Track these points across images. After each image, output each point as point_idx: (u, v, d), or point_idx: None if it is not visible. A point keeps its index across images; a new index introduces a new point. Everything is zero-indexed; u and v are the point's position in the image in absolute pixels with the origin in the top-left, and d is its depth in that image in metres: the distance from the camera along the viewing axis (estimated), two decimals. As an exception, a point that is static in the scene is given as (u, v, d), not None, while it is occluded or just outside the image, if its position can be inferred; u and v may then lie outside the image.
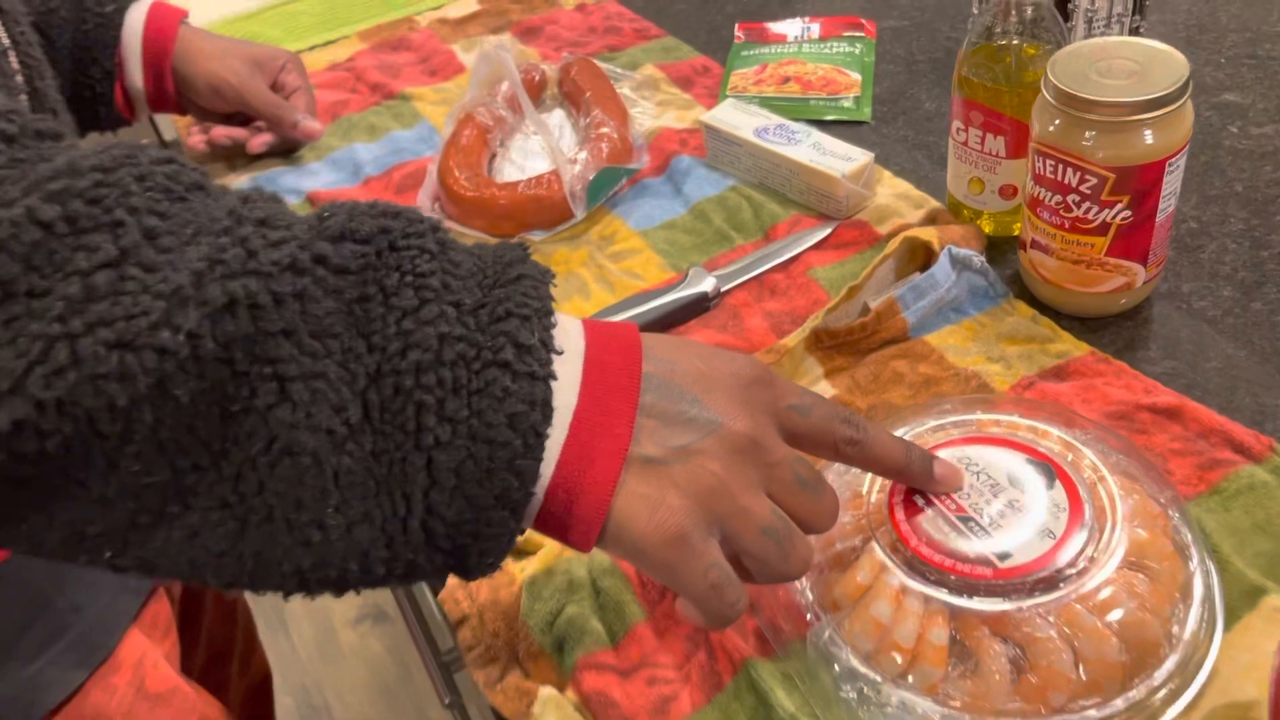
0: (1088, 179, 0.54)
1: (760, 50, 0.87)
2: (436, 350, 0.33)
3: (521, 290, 0.35)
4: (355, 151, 0.81)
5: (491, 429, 0.33)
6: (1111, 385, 0.55)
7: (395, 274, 0.34)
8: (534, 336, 0.35)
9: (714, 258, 0.68)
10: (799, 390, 0.41)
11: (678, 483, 0.36)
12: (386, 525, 0.33)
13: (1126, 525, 0.43)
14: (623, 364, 0.37)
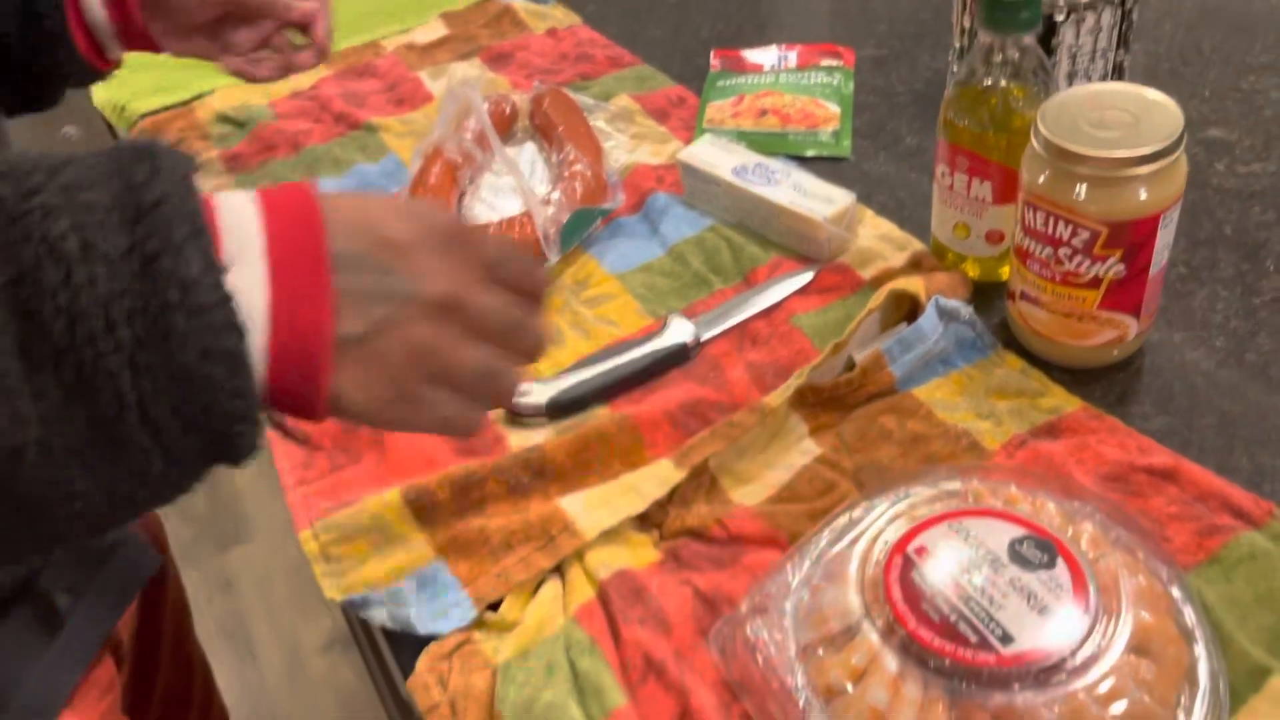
0: (1079, 233, 0.52)
1: (737, 80, 0.84)
2: (104, 317, 0.32)
3: (165, 217, 0.34)
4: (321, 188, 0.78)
5: (190, 368, 0.33)
6: (1105, 444, 0.53)
7: (28, 247, 0.32)
8: (194, 267, 0.33)
9: (693, 303, 0.66)
10: (495, 242, 0.41)
11: (386, 354, 0.38)
12: (137, 474, 0.35)
13: (1131, 609, 0.42)
14: (309, 247, 0.36)
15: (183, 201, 0.34)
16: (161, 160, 0.35)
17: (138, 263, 0.33)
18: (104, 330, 0.32)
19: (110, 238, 0.33)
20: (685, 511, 0.53)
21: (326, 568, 0.53)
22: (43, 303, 0.32)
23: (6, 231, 0.32)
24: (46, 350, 0.32)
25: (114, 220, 0.33)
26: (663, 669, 0.47)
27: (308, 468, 0.58)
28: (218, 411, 0.34)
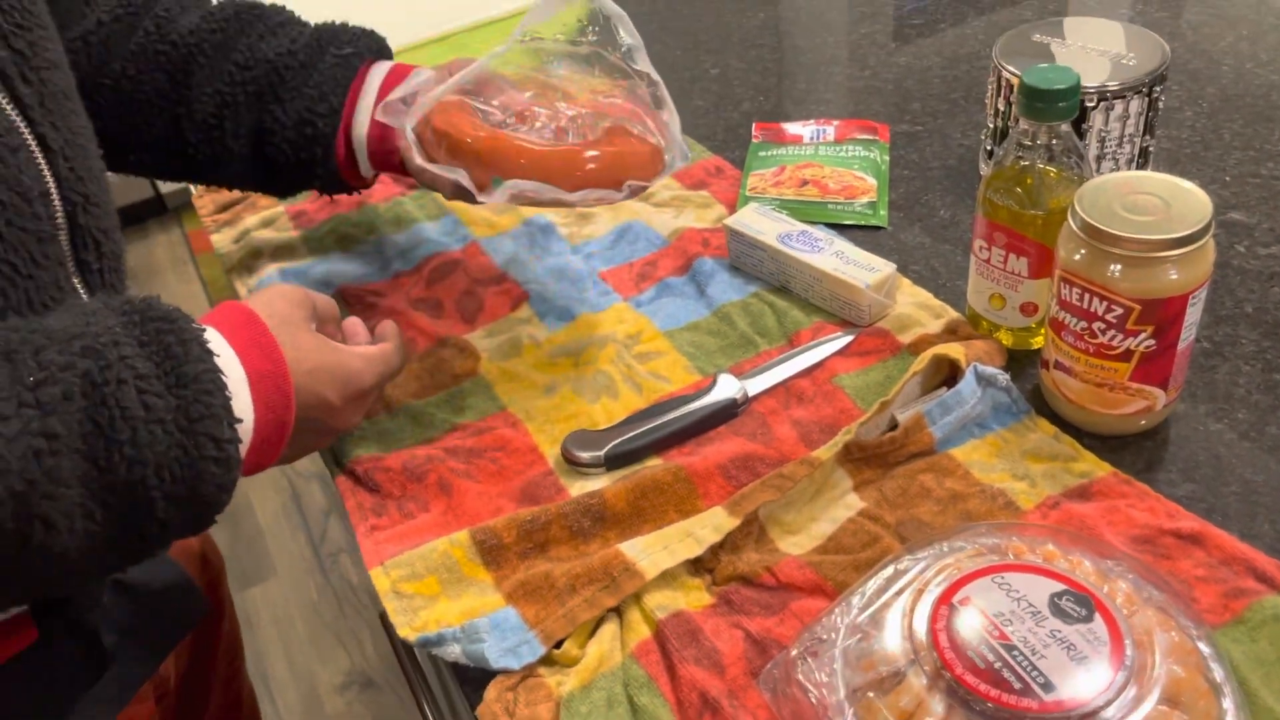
0: (1113, 309, 0.56)
1: (777, 151, 0.89)
2: (154, 464, 0.45)
3: (204, 389, 0.47)
4: (383, 245, 0.83)
5: (207, 495, 0.47)
6: (1135, 508, 0.56)
7: (106, 411, 0.44)
8: (224, 428, 0.47)
9: (739, 362, 0.69)
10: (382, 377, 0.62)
11: (306, 450, 0.60)
12: (137, 557, 0.48)
13: (1164, 663, 0.45)
14: (281, 418, 0.53)
15: (213, 371, 0.47)
16: (184, 330, 0.48)
17: (184, 421, 0.46)
18: (154, 473, 0.45)
19: (162, 402, 0.45)
20: (736, 558, 0.56)
21: (398, 604, 0.56)
22: (112, 452, 0.44)
23: (90, 397, 0.43)
24: (105, 483, 0.44)
25: (160, 387, 0.45)
26: (717, 706, 0.49)
27: (379, 515, 0.62)
28: (208, 519, 0.49)
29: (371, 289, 0.78)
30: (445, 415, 0.67)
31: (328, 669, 1.70)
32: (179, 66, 0.70)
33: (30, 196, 0.50)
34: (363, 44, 0.72)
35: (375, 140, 0.71)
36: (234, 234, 0.87)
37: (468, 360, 0.71)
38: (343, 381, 0.57)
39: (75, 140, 0.55)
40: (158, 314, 0.48)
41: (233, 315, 0.53)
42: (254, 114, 0.70)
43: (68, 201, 0.53)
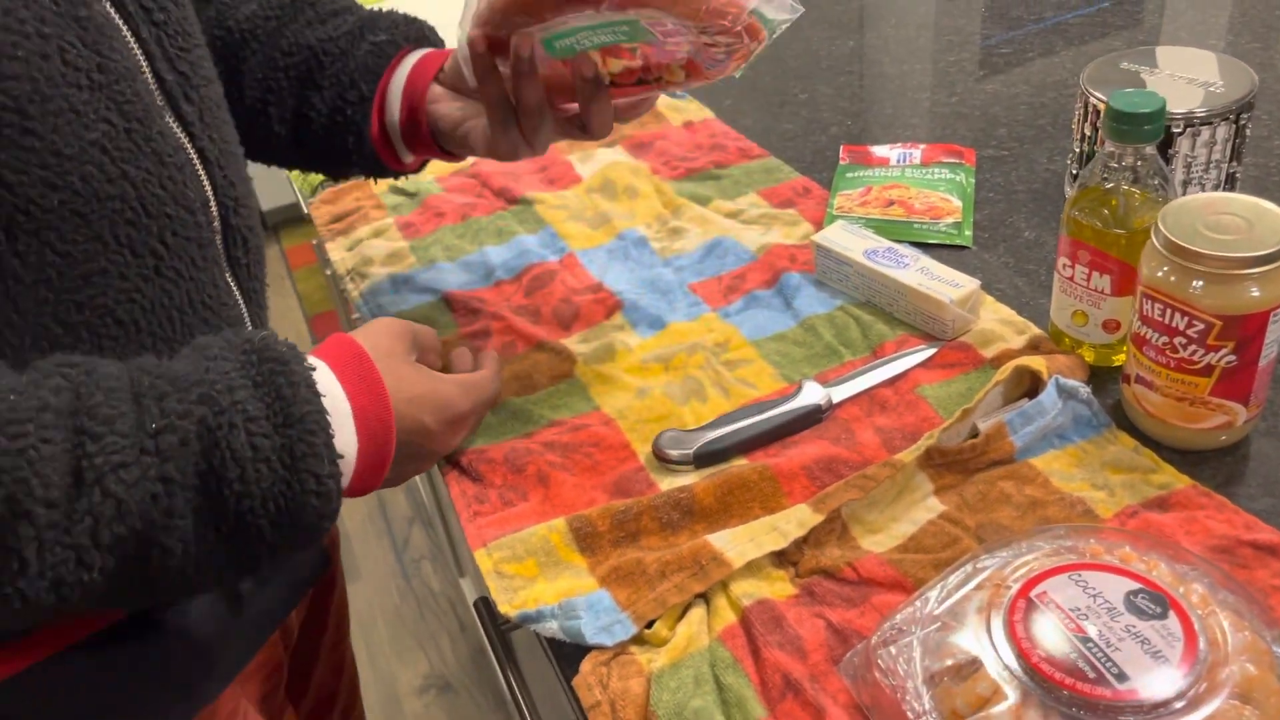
0: (1195, 324, 0.57)
1: (864, 172, 0.92)
2: (261, 498, 0.49)
3: (309, 428, 0.51)
4: (486, 255, 0.87)
5: (311, 525, 0.52)
6: (1213, 519, 0.58)
7: (218, 453, 0.48)
8: (325, 465, 0.51)
9: (824, 371, 0.72)
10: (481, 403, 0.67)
11: (408, 475, 0.64)
12: (247, 573, 0.53)
13: (1236, 660, 0.46)
14: (383, 448, 0.57)
15: (318, 412, 0.51)
16: (295, 371, 0.52)
17: (288, 458, 0.50)
18: (260, 505, 0.49)
19: (269, 442, 0.49)
20: (819, 553, 0.59)
21: (499, 584, 0.60)
22: (222, 488, 0.48)
23: (204, 440, 0.48)
24: (216, 513, 0.49)
25: (269, 428, 0.50)
26: (800, 688, 0.52)
27: (481, 502, 0.66)
28: (314, 541, 0.53)
29: (475, 295, 0.83)
30: (543, 412, 0.71)
31: (407, 671, 1.76)
32: (233, 52, 0.74)
33: (193, 208, 0.56)
34: (400, 31, 0.74)
35: (407, 126, 0.73)
36: (347, 243, 0.92)
37: (564, 363, 0.76)
38: (439, 408, 0.62)
39: (227, 148, 0.60)
40: (272, 355, 0.52)
41: (341, 351, 0.57)
42: (294, 100, 0.73)
43: (222, 206, 0.58)
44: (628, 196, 0.94)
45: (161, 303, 0.55)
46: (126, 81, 0.52)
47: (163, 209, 0.54)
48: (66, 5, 0.49)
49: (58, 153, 0.49)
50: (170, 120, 0.56)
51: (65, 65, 0.49)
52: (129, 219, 0.52)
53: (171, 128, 0.55)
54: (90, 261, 0.51)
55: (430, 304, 0.83)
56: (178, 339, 0.56)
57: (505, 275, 0.85)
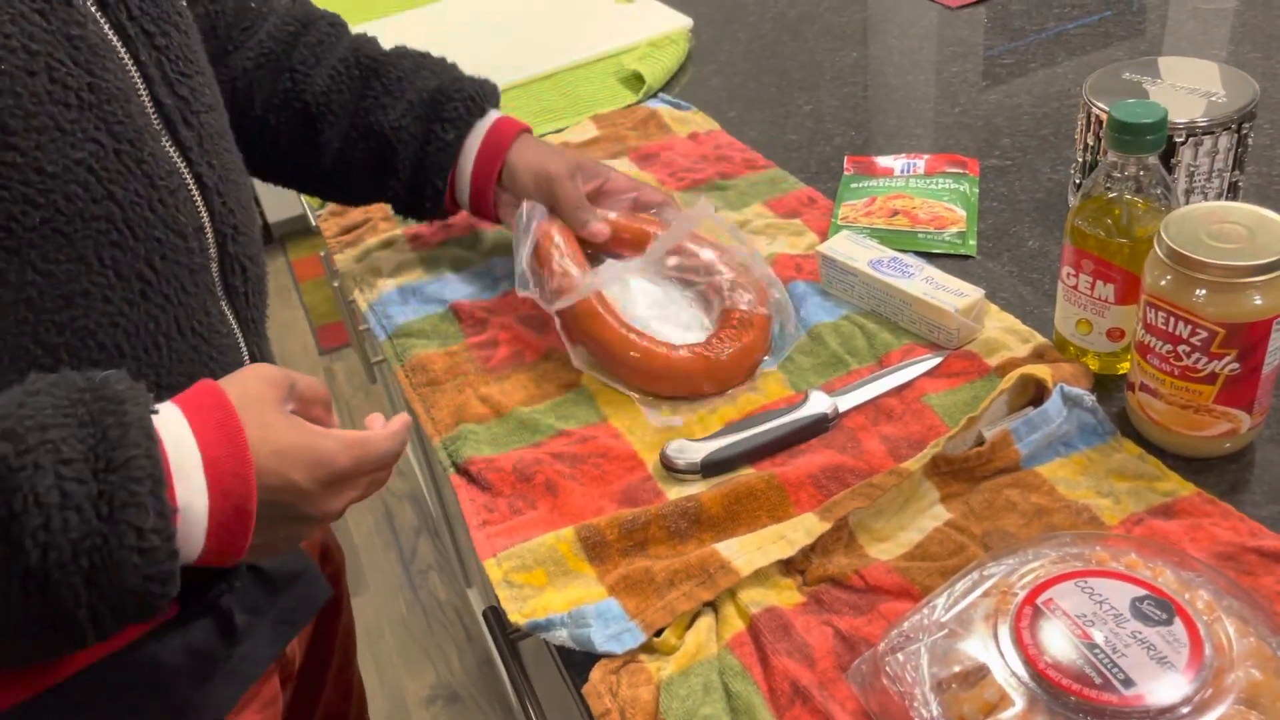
0: (1198, 332, 0.58)
1: (868, 183, 0.92)
2: (71, 550, 0.44)
3: (133, 476, 0.45)
4: (493, 265, 0.88)
5: (134, 587, 0.46)
6: (1218, 526, 0.58)
7: (18, 496, 0.43)
8: (150, 517, 0.45)
9: (830, 380, 0.73)
10: (369, 462, 0.57)
11: (282, 542, 0.56)
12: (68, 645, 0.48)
13: (1242, 666, 0.46)
14: (240, 504, 0.50)
15: (146, 457, 0.46)
16: (128, 412, 0.46)
17: (105, 508, 0.44)
18: (70, 559, 0.44)
19: (84, 488, 0.44)
20: (826, 561, 0.59)
21: (509, 593, 0.60)
22: (24, 538, 0.43)
23: (4, 481, 0.43)
24: (19, 569, 0.44)
25: (85, 471, 0.44)
26: (808, 695, 0.53)
27: (491, 511, 0.66)
28: (149, 608, 0.47)
29: (482, 305, 0.84)
30: (551, 422, 0.72)
31: (415, 682, 1.76)
32: (310, 123, 0.80)
33: (185, 233, 0.55)
34: (463, 121, 0.80)
35: (476, 200, 0.82)
36: (356, 253, 0.93)
37: (571, 372, 0.76)
38: (313, 463, 0.53)
39: (228, 175, 0.60)
40: (108, 394, 0.47)
41: (200, 396, 0.52)
42: (371, 178, 0.82)
43: (219, 233, 0.58)
44: (634, 207, 0.95)
45: (147, 327, 0.54)
46: (119, 103, 0.52)
47: (151, 232, 0.53)
48: (58, 23, 0.49)
49: (40, 170, 0.48)
50: (167, 144, 0.55)
51: (53, 83, 0.48)
52: (115, 240, 0.51)
53: (167, 151, 0.55)
54: (72, 282, 0.50)
55: (438, 314, 0.84)
56: (165, 365, 0.55)
57: (511, 285, 0.85)
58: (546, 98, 1.17)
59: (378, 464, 0.58)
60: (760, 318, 0.75)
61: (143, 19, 0.55)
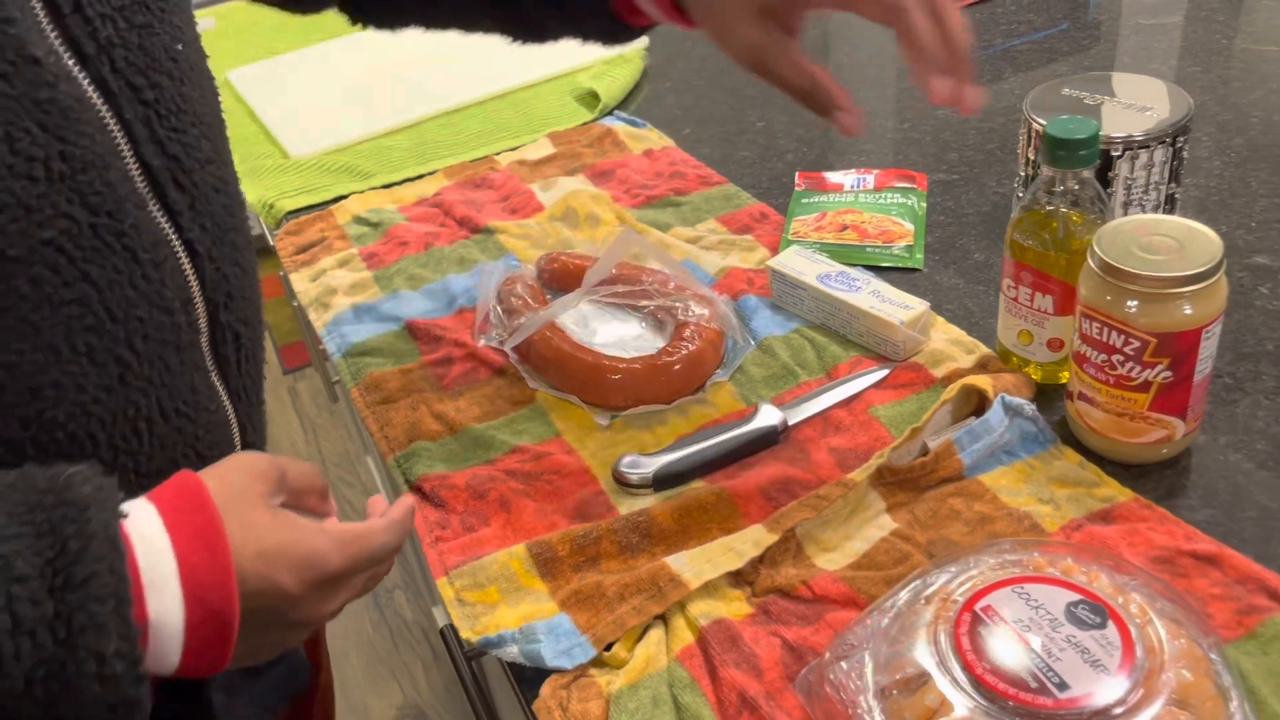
0: (1131, 342, 0.59)
1: (819, 198, 0.94)
2: (25, 678, 0.39)
3: (94, 595, 0.40)
4: (449, 283, 0.89)
5: (97, 714, 0.41)
6: (1155, 530, 0.59)
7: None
8: (112, 641, 0.41)
9: (780, 393, 0.74)
10: (361, 562, 0.52)
11: (267, 648, 0.50)
12: None
13: (1173, 667, 0.48)
14: (222, 614, 0.45)
15: (110, 573, 0.41)
16: (92, 520, 0.41)
17: (62, 631, 0.40)
18: (23, 689, 0.40)
19: (37, 608, 0.39)
20: (775, 572, 0.60)
21: (461, 611, 0.61)
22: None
23: None
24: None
25: (40, 590, 0.40)
26: (755, 705, 0.53)
27: (444, 528, 0.67)
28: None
29: (438, 323, 0.84)
30: (505, 438, 0.72)
31: (381, 702, 1.75)
32: None
33: (172, 308, 0.50)
34: None
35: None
36: (311, 273, 0.93)
37: (525, 389, 0.77)
38: (302, 564, 0.48)
39: (224, 236, 0.55)
40: (71, 498, 0.42)
41: (179, 494, 0.46)
42: None
43: (210, 303, 0.53)
44: (589, 224, 0.96)
45: (125, 414, 0.49)
46: (96, 170, 0.46)
47: (133, 312, 0.48)
48: (23, 86, 0.43)
49: (0, 255, 0.43)
50: (154, 210, 0.50)
51: (14, 155, 0.43)
52: (90, 325, 0.46)
53: (154, 219, 0.50)
54: (40, 374, 0.45)
55: (393, 332, 0.84)
56: (145, 451, 0.50)
57: (467, 302, 0.86)
58: (503, 116, 1.18)
59: (374, 559, 0.53)
60: (711, 331, 0.76)
61: (129, 71, 0.49)
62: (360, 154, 1.13)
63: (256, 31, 1.49)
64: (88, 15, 0.47)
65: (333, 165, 1.11)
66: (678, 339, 0.75)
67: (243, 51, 1.43)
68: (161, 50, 0.51)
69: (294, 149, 1.14)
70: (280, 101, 1.25)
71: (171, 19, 0.52)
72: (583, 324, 0.81)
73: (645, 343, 0.79)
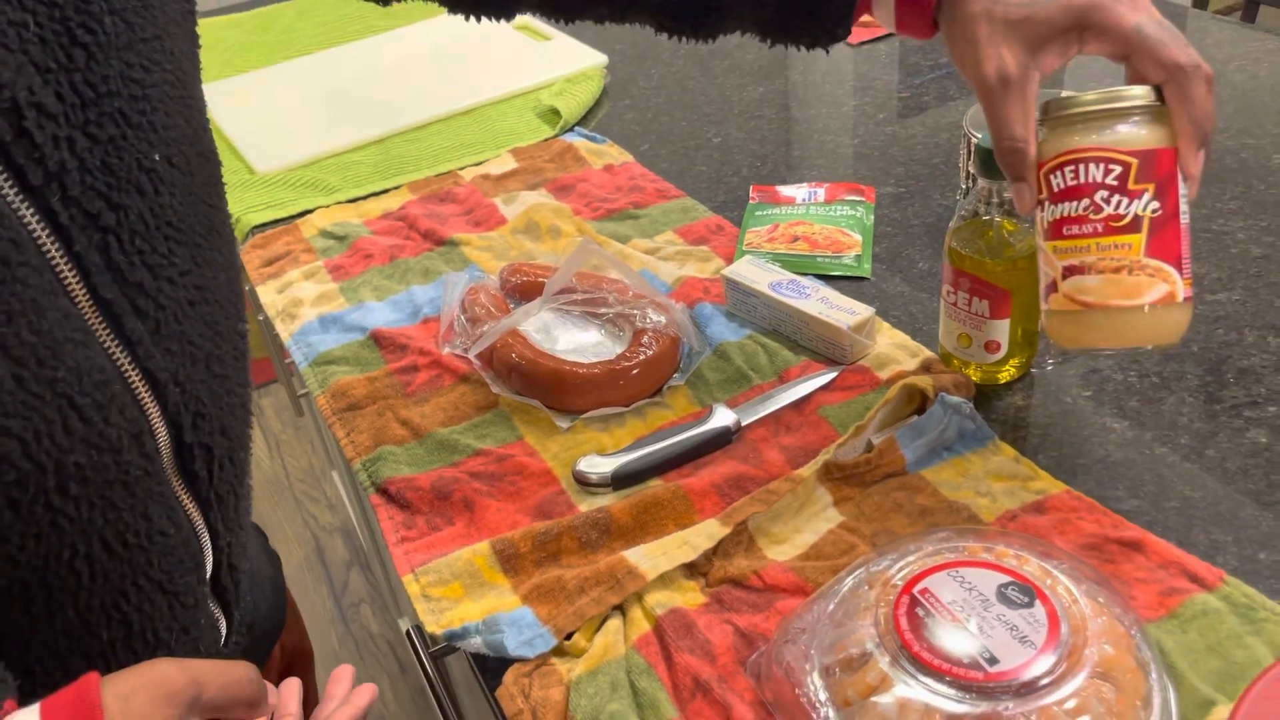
0: (1113, 169, 0.56)
1: (772, 211, 0.97)
2: None
3: None
4: (413, 293, 0.91)
5: None
6: (1084, 520, 0.63)
7: None
8: None
9: (734, 395, 0.77)
10: None
11: None
12: None
13: (1096, 642, 0.51)
14: None
15: None
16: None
17: None
18: None
19: None
20: (727, 563, 0.63)
21: (426, 606, 0.63)
22: None
23: None
24: None
25: None
26: (708, 688, 0.56)
27: (409, 528, 0.69)
28: None
29: (403, 332, 0.86)
30: (469, 442, 0.75)
31: None
32: None
33: (118, 446, 0.45)
34: None
35: None
36: (278, 285, 0.95)
37: (488, 395, 0.79)
38: None
39: (197, 354, 0.49)
40: None
41: (73, 710, 0.39)
42: None
43: (174, 426, 0.48)
44: (551, 236, 0.99)
45: (60, 556, 0.43)
46: (26, 318, 0.40)
47: (66, 459, 0.42)
48: None
49: None
50: (107, 339, 0.45)
51: None
52: (11, 480, 0.41)
53: (102, 355, 0.44)
54: None
55: (359, 342, 0.86)
56: (86, 588, 0.45)
57: (432, 312, 0.89)
58: (467, 132, 1.21)
59: None
60: (668, 337, 0.79)
61: (85, 197, 0.43)
62: (326, 169, 1.15)
63: (222, 49, 1.51)
64: (36, 140, 0.41)
65: (299, 180, 1.13)
66: (636, 345, 0.78)
67: (210, 69, 1.44)
68: (133, 164, 0.45)
69: (260, 165, 1.16)
70: (247, 118, 1.27)
71: (154, 118, 0.46)
72: (544, 331, 0.84)
73: (604, 349, 0.82)
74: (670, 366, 0.78)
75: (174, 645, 0.52)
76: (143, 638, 0.50)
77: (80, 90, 0.42)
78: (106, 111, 0.43)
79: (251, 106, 1.30)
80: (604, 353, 0.81)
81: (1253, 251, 0.85)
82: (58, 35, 0.41)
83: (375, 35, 1.47)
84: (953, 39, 0.60)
